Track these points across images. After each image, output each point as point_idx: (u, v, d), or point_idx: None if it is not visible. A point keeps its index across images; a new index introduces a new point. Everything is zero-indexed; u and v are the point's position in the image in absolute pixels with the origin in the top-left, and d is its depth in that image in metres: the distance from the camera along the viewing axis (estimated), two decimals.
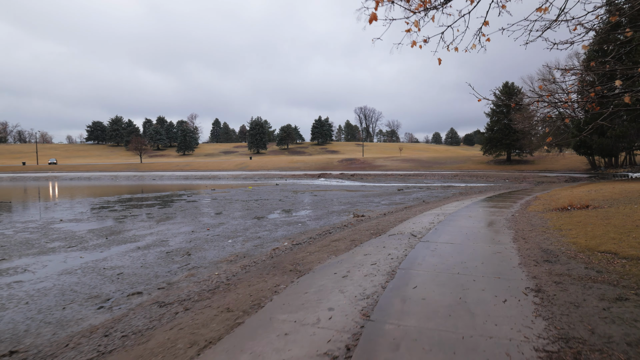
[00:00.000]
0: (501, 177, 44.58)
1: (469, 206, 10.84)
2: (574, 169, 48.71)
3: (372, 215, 14.37)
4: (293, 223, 13.86)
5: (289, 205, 20.16)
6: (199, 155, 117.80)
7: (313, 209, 18.20)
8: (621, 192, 10.47)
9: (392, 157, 80.00)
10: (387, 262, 5.05)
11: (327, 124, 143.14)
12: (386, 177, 52.44)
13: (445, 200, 17.37)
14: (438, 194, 24.00)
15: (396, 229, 8.15)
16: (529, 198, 12.71)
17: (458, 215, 8.81)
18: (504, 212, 8.98)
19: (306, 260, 6.34)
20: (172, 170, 72.62)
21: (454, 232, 6.66)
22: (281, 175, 59.34)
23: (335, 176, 56.58)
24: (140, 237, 11.92)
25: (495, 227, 6.92)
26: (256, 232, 12.27)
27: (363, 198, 22.84)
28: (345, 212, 16.50)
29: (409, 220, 9.28)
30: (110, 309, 5.94)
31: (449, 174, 53.00)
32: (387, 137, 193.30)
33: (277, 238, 10.89)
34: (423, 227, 7.77)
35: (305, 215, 15.80)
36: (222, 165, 75.66)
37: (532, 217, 7.63)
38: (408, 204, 18.34)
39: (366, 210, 16.72)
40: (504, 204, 11.01)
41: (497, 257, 4.77)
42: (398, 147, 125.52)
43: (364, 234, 8.10)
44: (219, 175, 63.24)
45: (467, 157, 74.86)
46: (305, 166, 69.17)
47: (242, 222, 14.51)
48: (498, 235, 6.20)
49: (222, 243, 10.70)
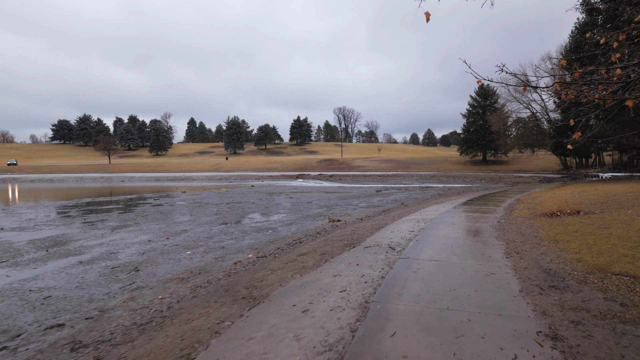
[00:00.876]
0: (478, 177, 44.86)
1: (450, 211, 10.09)
2: (546, 169, 49.74)
3: (349, 220, 13.46)
4: (263, 230, 12.77)
5: (262, 208, 19.01)
6: (173, 156, 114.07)
7: (287, 212, 17.14)
8: (606, 195, 10.00)
9: (371, 158, 79.84)
10: (359, 288, 4.08)
11: (306, 124, 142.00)
12: (365, 178, 51.93)
13: (424, 203, 16.69)
14: (417, 196, 23.43)
15: (373, 238, 7.23)
16: (511, 201, 12.14)
17: (440, 222, 8.00)
18: (489, 218, 8.25)
19: (265, 282, 5.29)
20: (143, 171, 69.58)
21: (438, 244, 5.80)
22: (258, 176, 57.83)
23: (314, 177, 55.62)
24: (87, 248, 10.52)
25: (482, 238, 6.12)
26: (221, 240, 11.11)
27: (340, 200, 21.95)
28: (320, 216, 15.54)
29: (387, 228, 8.39)
30: (14, 352, 4.69)
31: (427, 174, 53.06)
32: (366, 137, 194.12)
33: (242, 248, 9.78)
34: (402, 236, 6.88)
35: (278, 221, 14.72)
36: (197, 166, 73.20)
37: (520, 225, 6.89)
38: (386, 207, 17.57)
39: (343, 214, 15.81)
40: (486, 208, 10.33)
41: (492, 281, 3.89)
42: (377, 147, 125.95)
43: (336, 245, 7.13)
44: (192, 176, 61.00)
45: (444, 157, 75.63)
46: (283, 167, 67.84)
47: (207, 229, 13.29)
48: (487, 248, 5.38)
49: (180, 255, 9.50)
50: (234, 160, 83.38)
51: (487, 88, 60.39)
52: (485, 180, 41.67)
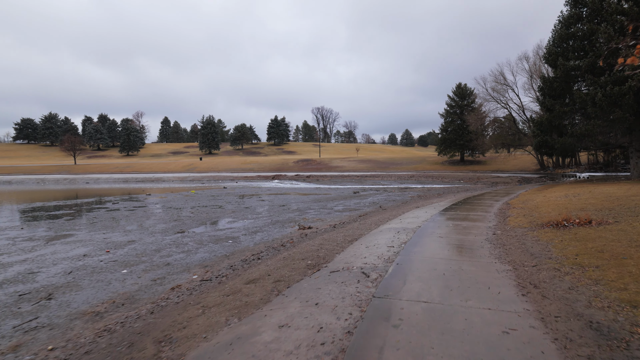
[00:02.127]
0: (456, 177, 44.47)
1: (435, 218, 8.80)
2: (524, 169, 50.04)
3: (321, 227, 12.00)
4: (223, 239, 11.14)
5: (229, 213, 17.30)
6: (145, 156, 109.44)
7: (255, 217, 15.53)
8: (607, 199, 8.99)
9: (349, 158, 78.86)
10: (312, 355, 2.61)
11: (284, 124, 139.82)
12: (343, 179, 50.74)
13: (404, 206, 15.46)
14: (396, 198, 22.26)
15: (343, 256, 5.79)
16: (500, 205, 11.01)
17: (424, 234, 6.65)
18: (481, 228, 6.97)
19: (188, 330, 3.74)
20: (111, 173, 65.91)
21: (425, 270, 4.40)
22: (232, 177, 55.63)
23: (290, 178, 53.99)
24: (4, 266, 8.63)
25: (481, 259, 4.76)
26: (169, 254, 9.43)
27: (315, 203, 20.49)
28: (291, 222, 14.02)
29: (361, 240, 6.97)
30: None
31: (405, 174, 52.43)
32: (344, 137, 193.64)
33: (191, 266, 8.14)
34: (380, 254, 5.47)
35: (242, 228, 13.11)
36: (168, 167, 70.03)
37: (522, 238, 5.61)
38: (364, 211, 16.24)
39: (316, 219, 14.35)
40: (475, 214, 9.10)
41: (515, 348, 2.51)
42: (355, 147, 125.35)
43: (298, 265, 5.64)
44: (163, 177, 58.11)
45: (422, 157, 75.55)
46: (259, 167, 65.77)
47: (159, 239, 11.56)
48: (492, 277, 4.01)
49: (112, 275, 7.78)
50: (208, 161, 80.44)
51: (465, 87, 60.48)
52: (464, 180, 41.25)
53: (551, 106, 17.65)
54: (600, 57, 14.54)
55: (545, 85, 18.21)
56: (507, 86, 48.68)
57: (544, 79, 18.46)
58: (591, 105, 15.40)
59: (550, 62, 18.37)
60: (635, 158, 17.33)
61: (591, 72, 16.25)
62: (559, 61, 16.84)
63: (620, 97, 14.69)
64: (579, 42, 16.75)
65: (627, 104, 14.92)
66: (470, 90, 59.98)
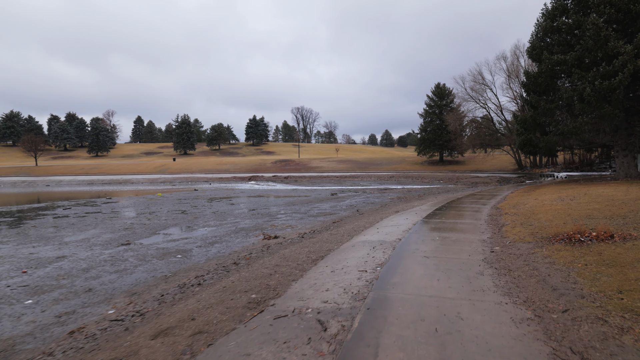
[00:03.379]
0: (436, 177, 43.89)
1: (418, 228, 7.43)
2: (502, 169, 50.07)
3: (288, 235, 10.48)
4: (171, 253, 9.46)
5: (190, 219, 15.54)
6: (115, 157, 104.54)
7: (218, 225, 13.86)
8: (608, 203, 7.91)
9: (329, 158, 77.58)
10: None
11: (263, 124, 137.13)
12: (322, 179, 49.37)
13: (382, 211, 14.15)
14: (374, 200, 20.99)
15: (299, 287, 4.31)
16: (489, 210, 9.80)
17: (406, 252, 5.25)
18: (474, 243, 5.63)
19: None
20: (75, 174, 62.00)
21: (409, 325, 2.94)
22: (206, 179, 53.25)
23: (268, 179, 52.16)
24: None
25: (486, 299, 3.34)
26: (97, 276, 7.72)
27: (288, 207, 18.95)
28: (258, 229, 12.45)
29: (327, 260, 5.51)
30: None
31: (385, 174, 51.57)
32: (325, 138, 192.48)
33: (115, 293, 6.47)
34: (347, 287, 4.02)
35: (199, 238, 11.44)
36: (139, 168, 66.61)
37: (531, 260, 4.28)
38: (339, 215, 14.83)
39: (285, 226, 12.82)
40: (463, 222, 7.79)
41: None
42: (335, 148, 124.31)
43: (236, 303, 4.12)
44: (132, 179, 55.04)
45: (401, 157, 75.14)
46: (235, 168, 63.43)
47: (96, 253, 9.78)
48: (510, 337, 2.63)
49: (9, 309, 6.07)
50: (182, 162, 77.27)
51: (443, 87, 60.31)
52: (443, 180, 40.64)
53: (536, 103, 16.73)
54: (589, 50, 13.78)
55: (530, 81, 17.32)
56: (485, 86, 48.61)
57: (528, 74, 17.56)
58: (579, 101, 14.57)
59: (534, 57, 17.51)
60: (620, 157, 16.71)
61: (578, 67, 15.44)
62: (544, 55, 15.94)
63: (610, 91, 13.89)
64: (565, 35, 15.93)
65: (616, 100, 14.14)
66: (449, 90, 59.87)
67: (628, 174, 16.65)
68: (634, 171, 16.61)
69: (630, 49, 13.85)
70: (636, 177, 16.40)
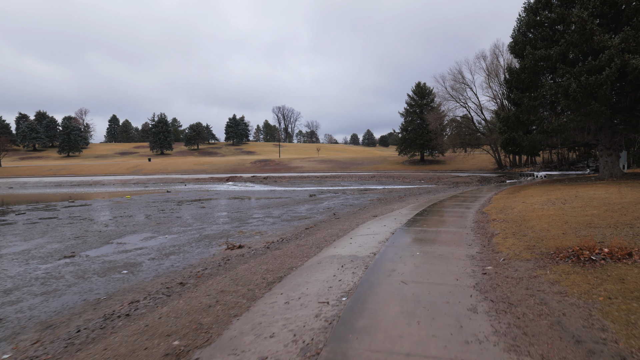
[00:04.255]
0: (417, 177, 43.54)
1: (396, 238, 6.49)
2: (482, 168, 50.26)
3: (254, 244, 9.41)
4: (118, 268, 8.25)
5: (152, 226, 14.22)
6: (88, 157, 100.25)
7: (181, 231, 12.62)
8: (606, 208, 7.18)
9: (310, 158, 76.54)
10: None
11: (243, 123, 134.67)
12: (302, 180, 48.31)
13: (360, 214, 13.23)
14: (354, 201, 20.11)
15: (237, 330, 3.27)
16: (474, 215, 8.98)
17: (379, 276, 4.26)
18: (461, 262, 4.64)
19: None
20: (43, 176, 58.66)
21: None
22: (182, 180, 51.29)
23: (246, 179, 50.69)
24: None
25: (484, 356, 2.43)
26: (17, 300, 6.51)
27: (261, 210, 17.82)
28: (223, 236, 11.31)
29: (284, 285, 4.49)
30: None
31: (366, 174, 50.97)
32: (307, 137, 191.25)
33: (27, 325, 5.27)
34: (298, 331, 3.00)
35: (156, 248, 10.21)
36: (111, 169, 63.72)
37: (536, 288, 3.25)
38: (314, 220, 13.84)
39: (254, 232, 11.71)
40: (447, 231, 6.88)
41: None
42: (316, 147, 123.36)
43: (150, 354, 3.04)
44: (102, 180, 52.50)
45: (383, 157, 74.88)
46: (213, 169, 61.51)
47: (28, 270, 8.51)
48: None
49: None
50: (158, 162, 74.57)
51: (424, 87, 60.25)
52: (424, 180, 40.29)
53: (519, 100, 16.15)
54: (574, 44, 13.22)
55: (512, 77, 16.72)
56: (465, 85, 48.67)
57: (510, 70, 16.97)
58: (564, 97, 14.02)
59: (516, 52, 16.95)
60: (605, 157, 16.34)
61: (563, 62, 14.92)
62: (527, 50, 15.32)
63: (596, 87, 13.39)
64: (548, 29, 15.37)
65: (603, 96, 13.65)
66: (430, 90, 59.86)
67: (612, 173, 16.29)
68: (618, 171, 16.27)
69: (616, 43, 13.38)
70: (621, 176, 16.09)
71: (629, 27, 13.42)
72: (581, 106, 13.73)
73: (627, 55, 13.23)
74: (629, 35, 13.52)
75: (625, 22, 14.15)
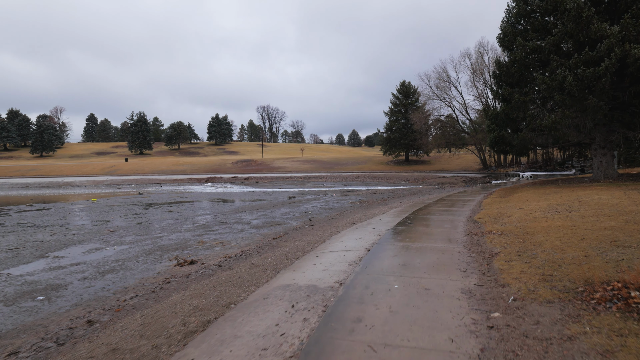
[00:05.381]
0: (401, 178, 42.65)
1: (371, 259, 5.17)
2: (467, 168, 49.78)
3: (208, 260, 7.99)
4: (38, 291, 6.77)
5: (105, 234, 12.62)
6: (62, 158, 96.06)
7: (135, 241, 11.10)
8: (618, 215, 6.10)
9: (293, 158, 75.01)
10: None
11: (226, 123, 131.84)
12: (284, 180, 46.83)
13: (337, 220, 11.95)
14: (334, 204, 18.83)
15: None
16: (464, 223, 7.75)
17: (340, 329, 2.95)
18: (455, 302, 3.28)
19: None
20: (10, 177, 55.38)
21: None
22: (159, 181, 49.12)
23: (226, 180, 48.89)
24: None
25: None
26: None
27: (234, 214, 16.35)
28: (178, 248, 9.84)
29: (206, 339, 3.14)
30: None
31: (350, 175, 49.84)
32: (292, 137, 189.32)
33: None
34: None
35: (96, 263, 8.69)
36: (85, 169, 60.77)
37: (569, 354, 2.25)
38: (287, 226, 12.49)
39: (216, 242, 10.28)
40: (433, 248, 5.58)
41: None
42: (300, 147, 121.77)
43: None
44: (74, 182, 49.85)
45: (368, 157, 73.99)
46: (192, 169, 59.32)
47: None
48: None
49: None
50: (135, 162, 71.74)
51: (409, 86, 59.55)
52: (409, 181, 39.39)
53: (509, 95, 15.12)
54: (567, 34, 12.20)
55: (502, 71, 15.69)
56: (450, 84, 48.10)
57: (499, 64, 15.89)
58: (558, 92, 13.03)
59: (505, 44, 15.92)
60: (599, 156, 15.44)
61: (557, 53, 13.96)
62: (518, 41, 14.26)
63: (594, 80, 12.43)
64: (541, 19, 14.39)
65: (602, 90, 12.73)
66: (414, 89, 59.21)
67: (607, 174, 15.44)
68: (613, 171, 15.42)
69: (616, 31, 12.44)
70: (616, 177, 15.24)
71: (629, 15, 12.43)
72: (577, 101, 12.74)
73: (628, 45, 12.24)
74: (629, 23, 12.60)
75: (623, 10, 13.18)
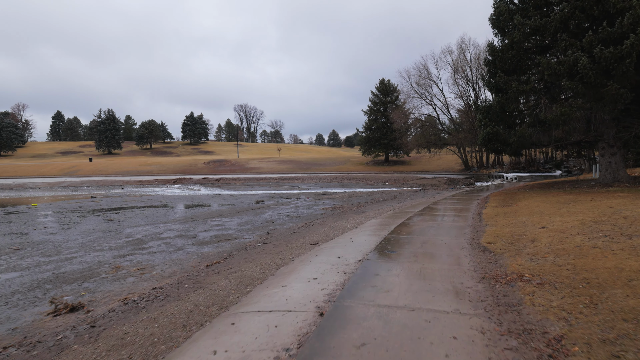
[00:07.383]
0: (381, 179, 40.78)
1: (327, 333, 3.02)
2: (448, 169, 48.48)
3: (99, 304, 5.52)
4: None
5: (6, 253, 9.86)
6: (23, 157, 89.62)
7: (32, 266, 8.43)
8: None
9: (270, 159, 72.22)
10: None
11: (202, 122, 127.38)
12: (258, 182, 44.18)
13: (298, 237, 9.64)
14: (303, 211, 16.52)
15: None
16: (468, 253, 5.50)
17: None
18: None
19: None
20: None
21: None
22: (122, 182, 45.47)
23: (196, 181, 45.78)
24: None
25: None
26: None
27: (182, 224, 13.77)
28: (78, 279, 7.28)
29: None
30: None
31: (327, 176, 47.66)
32: (271, 137, 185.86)
33: None
34: None
35: None
36: (42, 170, 56.05)
37: None
38: (236, 243, 10.08)
39: (134, 268, 7.75)
40: (432, 317, 3.40)
41: None
42: (277, 147, 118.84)
43: None
44: (27, 184, 45.55)
45: (346, 158, 72.07)
46: (160, 170, 55.68)
47: None
48: None
49: None
50: (100, 162, 67.18)
51: (388, 83, 57.96)
52: (389, 182, 37.55)
53: (505, 84, 13.04)
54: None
55: (496, 57, 13.56)
56: (431, 81, 46.70)
57: (493, 49, 13.76)
58: (568, 78, 11.07)
59: (500, 26, 13.79)
60: (607, 156, 13.62)
61: (565, 31, 12.01)
62: (517, 19, 12.19)
63: (615, 62, 10.51)
64: None
65: (624, 73, 10.64)
66: (394, 87, 57.68)
67: (617, 177, 13.70)
68: (624, 174, 13.67)
69: None
70: (628, 180, 13.54)
71: None
72: (592, 88, 10.75)
73: None
74: None
75: None
